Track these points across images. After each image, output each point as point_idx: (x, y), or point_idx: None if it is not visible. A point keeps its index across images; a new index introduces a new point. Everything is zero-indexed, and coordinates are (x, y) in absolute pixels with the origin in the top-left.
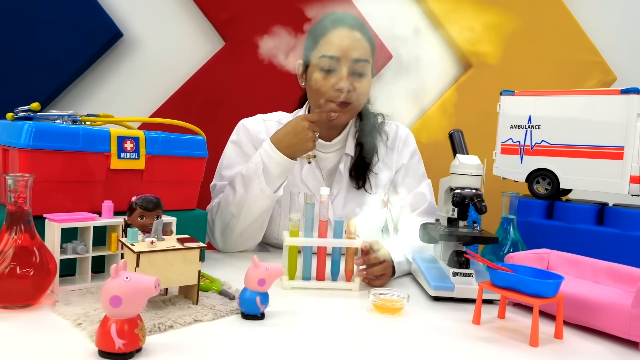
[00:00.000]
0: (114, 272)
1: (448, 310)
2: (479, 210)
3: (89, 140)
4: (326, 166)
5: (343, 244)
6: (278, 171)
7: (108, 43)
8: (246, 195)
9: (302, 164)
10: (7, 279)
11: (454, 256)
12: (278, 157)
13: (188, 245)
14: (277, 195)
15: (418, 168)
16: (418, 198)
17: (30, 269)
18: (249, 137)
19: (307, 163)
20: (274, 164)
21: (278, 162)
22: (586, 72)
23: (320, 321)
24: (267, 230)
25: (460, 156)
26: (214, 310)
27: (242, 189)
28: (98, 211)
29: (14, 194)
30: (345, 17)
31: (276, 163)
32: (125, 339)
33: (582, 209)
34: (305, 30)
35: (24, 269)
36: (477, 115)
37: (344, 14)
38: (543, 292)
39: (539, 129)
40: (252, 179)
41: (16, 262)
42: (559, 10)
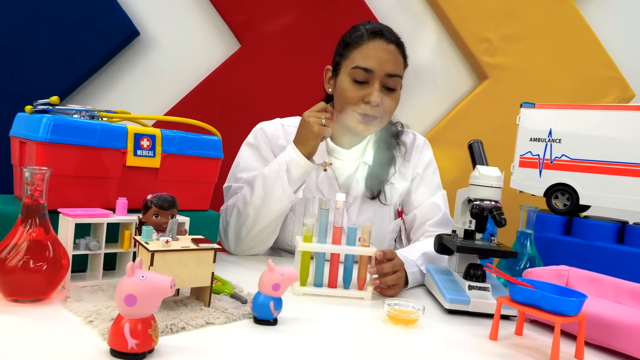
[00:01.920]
0: (129, 271)
1: (463, 324)
2: (498, 223)
3: (106, 136)
4: (343, 174)
5: (357, 251)
6: (299, 173)
7: (124, 41)
8: (266, 196)
9: (318, 171)
10: (20, 272)
11: (469, 269)
12: (299, 159)
13: (203, 246)
14: (297, 196)
15: (433, 178)
16: (432, 208)
17: (43, 264)
18: (267, 141)
19: (323, 170)
20: (295, 165)
21: (299, 164)
22: (604, 88)
23: (334, 330)
24: (280, 235)
25: (481, 167)
26: (226, 314)
27: (262, 190)
28: (111, 208)
29: (31, 186)
30: (383, 30)
31: (297, 165)
32: (139, 339)
33: (602, 226)
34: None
35: (37, 263)
36: (492, 127)
37: (381, 25)
38: (565, 310)
39: (560, 142)
40: (275, 180)
41: (29, 255)
42: (578, 24)
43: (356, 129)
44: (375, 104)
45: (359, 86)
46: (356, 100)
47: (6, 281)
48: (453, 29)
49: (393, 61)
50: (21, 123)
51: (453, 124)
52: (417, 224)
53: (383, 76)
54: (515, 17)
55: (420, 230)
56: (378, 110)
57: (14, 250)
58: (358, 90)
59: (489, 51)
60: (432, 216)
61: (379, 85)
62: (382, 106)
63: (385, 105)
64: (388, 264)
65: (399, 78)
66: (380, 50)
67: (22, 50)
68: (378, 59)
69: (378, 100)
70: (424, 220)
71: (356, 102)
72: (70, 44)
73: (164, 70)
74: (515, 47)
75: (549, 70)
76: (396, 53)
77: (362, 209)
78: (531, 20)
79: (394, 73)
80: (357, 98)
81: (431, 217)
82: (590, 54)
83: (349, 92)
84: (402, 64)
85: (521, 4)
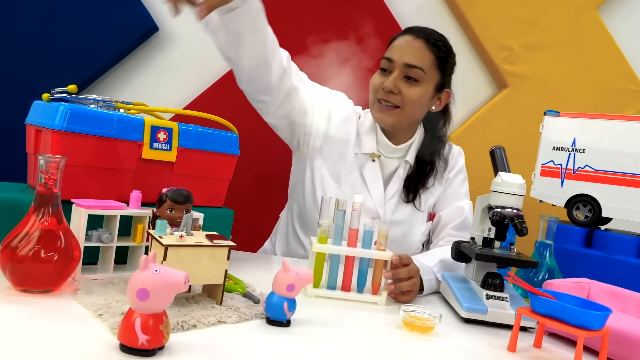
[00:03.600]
0: (143, 264)
1: (481, 334)
2: (519, 232)
3: (122, 127)
4: (386, 169)
5: (372, 255)
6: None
7: (143, 36)
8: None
9: (366, 160)
10: (31, 262)
11: (487, 278)
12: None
13: (217, 242)
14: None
15: (461, 185)
16: (456, 212)
17: (54, 254)
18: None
19: (372, 161)
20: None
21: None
22: (625, 101)
23: (348, 334)
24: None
25: (503, 174)
26: (239, 313)
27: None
28: (125, 200)
29: (45, 175)
30: (418, 28)
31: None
32: (150, 335)
33: (624, 239)
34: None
35: (48, 253)
36: (510, 135)
37: (420, 27)
38: (589, 324)
39: (583, 152)
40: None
41: (41, 245)
42: (601, 35)
43: (376, 119)
44: (387, 89)
45: (383, 74)
46: (377, 87)
47: (16, 270)
48: (474, 35)
49: (415, 53)
50: (37, 111)
51: (471, 132)
52: (440, 227)
53: (403, 66)
54: (538, 25)
55: (442, 233)
56: (396, 98)
57: (25, 239)
58: (380, 78)
59: (510, 59)
60: (454, 219)
61: (399, 73)
62: (401, 95)
63: (404, 95)
64: (404, 270)
65: (419, 70)
66: (405, 42)
67: (42, 42)
68: (400, 49)
69: (390, 85)
70: (446, 223)
71: (377, 89)
72: (89, 37)
73: (182, 66)
74: (537, 56)
75: (569, 81)
76: (423, 47)
77: (398, 207)
78: (554, 30)
79: (413, 64)
80: (378, 84)
81: (453, 220)
82: (612, 65)
83: (373, 80)
84: (429, 59)
85: (544, 13)
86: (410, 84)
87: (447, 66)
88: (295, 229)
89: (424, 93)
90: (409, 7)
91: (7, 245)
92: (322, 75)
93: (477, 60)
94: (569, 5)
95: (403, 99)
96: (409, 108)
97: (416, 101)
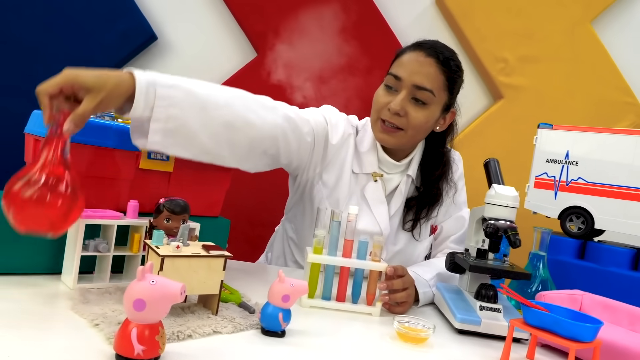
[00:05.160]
0: (140, 274)
1: (474, 345)
2: (512, 244)
3: (120, 137)
4: (388, 186)
5: (367, 265)
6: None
7: (142, 45)
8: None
9: (367, 180)
10: (34, 203)
11: (481, 289)
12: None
13: (213, 253)
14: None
15: (460, 194)
16: (457, 223)
17: (59, 199)
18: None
19: (374, 181)
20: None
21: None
22: (619, 113)
23: (342, 345)
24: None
25: (497, 186)
26: (234, 323)
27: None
28: (122, 210)
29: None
30: (429, 43)
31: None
32: (145, 345)
33: (617, 251)
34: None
35: (54, 196)
36: (505, 147)
37: (431, 41)
38: (581, 336)
39: (577, 165)
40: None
41: (45, 188)
42: (596, 48)
43: (378, 138)
44: (393, 111)
45: (388, 93)
46: (382, 107)
47: (20, 212)
48: (470, 47)
49: (425, 74)
50: (37, 120)
51: (467, 142)
52: (440, 238)
53: (411, 86)
54: (533, 38)
55: (442, 245)
56: (401, 121)
57: (30, 181)
58: (386, 97)
59: (505, 71)
60: (455, 231)
61: (407, 94)
62: (407, 118)
63: (409, 118)
64: (398, 281)
65: (429, 93)
66: (414, 60)
67: (41, 50)
68: (409, 68)
69: (397, 107)
70: (447, 235)
71: (381, 109)
72: (88, 45)
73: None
74: (532, 68)
75: (564, 93)
76: (433, 67)
77: (400, 232)
78: (549, 42)
79: (423, 86)
80: (382, 104)
81: (454, 232)
82: (606, 78)
83: (378, 98)
84: (440, 81)
85: (539, 26)
86: (417, 107)
87: (456, 86)
88: (293, 252)
89: (430, 117)
90: (407, 19)
91: (11, 187)
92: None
93: (473, 72)
94: (563, 18)
95: (408, 122)
96: (413, 131)
97: (422, 125)
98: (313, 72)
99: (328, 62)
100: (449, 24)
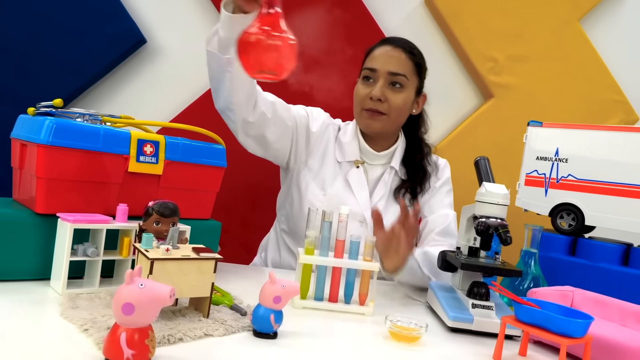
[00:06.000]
0: (128, 278)
1: (466, 343)
2: (503, 242)
3: (109, 140)
4: (371, 176)
5: (359, 265)
6: (220, 22)
7: (131, 48)
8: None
9: (350, 167)
10: (264, 48)
11: (473, 287)
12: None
13: (204, 255)
14: (211, 50)
15: (446, 196)
16: (440, 218)
17: (280, 41)
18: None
19: (356, 167)
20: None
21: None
22: (608, 111)
23: (335, 345)
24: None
25: (487, 184)
26: (225, 326)
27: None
28: (112, 214)
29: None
30: (395, 38)
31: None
32: (135, 350)
33: (607, 247)
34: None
35: (275, 40)
36: (496, 146)
37: (396, 37)
38: (572, 332)
39: (566, 162)
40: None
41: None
42: (584, 46)
43: (363, 125)
44: (376, 97)
45: (367, 84)
46: (363, 98)
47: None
48: (460, 47)
49: (397, 62)
50: (23, 125)
51: (458, 142)
52: (425, 232)
53: (387, 74)
54: (522, 37)
55: (427, 238)
56: (383, 106)
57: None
58: (365, 88)
59: (495, 70)
60: (439, 224)
61: (384, 81)
62: (388, 102)
63: (390, 102)
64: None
65: (403, 77)
66: (385, 52)
67: (29, 54)
68: (382, 59)
69: (378, 93)
70: (432, 228)
71: (363, 100)
72: (77, 49)
73: (170, 78)
74: (521, 67)
75: (554, 91)
76: (402, 56)
77: (388, 210)
78: (538, 41)
79: (397, 71)
80: (364, 95)
81: (439, 226)
82: (595, 76)
83: (358, 91)
84: (410, 66)
85: (528, 25)
86: (395, 91)
87: (422, 70)
88: (286, 241)
89: (407, 98)
90: (396, 20)
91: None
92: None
93: (463, 72)
94: (552, 17)
95: (390, 106)
96: (395, 114)
97: (402, 107)
98: (302, 72)
99: (317, 62)
100: (439, 24)
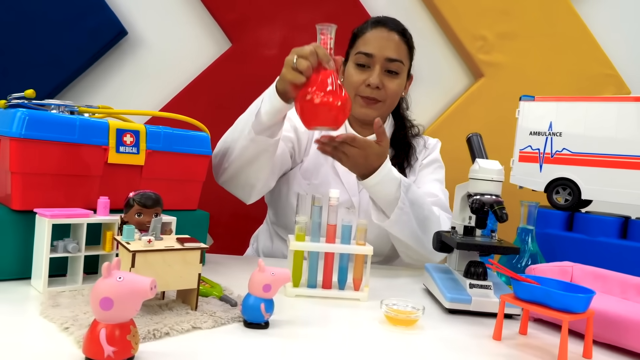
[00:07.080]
0: (105, 271)
1: (465, 324)
2: (499, 218)
3: (86, 131)
4: None
5: (352, 250)
6: (267, 108)
7: (112, 40)
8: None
9: None
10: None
11: (470, 267)
12: (271, 91)
13: (188, 245)
14: (259, 138)
15: (434, 172)
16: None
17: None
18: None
19: None
20: (267, 99)
21: (270, 97)
22: (600, 85)
23: (329, 332)
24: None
25: (480, 160)
26: (214, 317)
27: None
28: (93, 208)
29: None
30: (387, 19)
31: (268, 98)
32: (116, 346)
33: (605, 221)
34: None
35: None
36: (488, 125)
37: (387, 17)
38: (573, 307)
39: (560, 136)
40: (248, 119)
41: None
42: (573, 21)
43: (359, 114)
44: (374, 85)
45: (362, 70)
46: (358, 84)
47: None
48: (448, 26)
49: (393, 47)
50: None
51: (449, 123)
52: None
53: (383, 60)
54: (510, 14)
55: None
56: (380, 93)
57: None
58: (360, 75)
59: (484, 49)
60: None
61: (380, 68)
62: (385, 90)
63: (387, 89)
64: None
65: (400, 63)
66: (381, 36)
67: (7, 49)
68: (378, 44)
69: (377, 81)
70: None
71: (358, 86)
72: (56, 43)
73: (153, 70)
74: (511, 45)
75: (544, 68)
76: (398, 40)
77: None
78: (526, 18)
79: (394, 57)
80: (359, 82)
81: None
82: (585, 51)
83: (352, 77)
84: (404, 50)
85: (516, 2)
86: (391, 77)
87: (412, 52)
88: (277, 231)
89: (401, 84)
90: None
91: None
92: None
93: (452, 51)
94: None
95: (387, 93)
96: (391, 100)
97: (397, 92)
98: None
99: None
100: (426, 4)
